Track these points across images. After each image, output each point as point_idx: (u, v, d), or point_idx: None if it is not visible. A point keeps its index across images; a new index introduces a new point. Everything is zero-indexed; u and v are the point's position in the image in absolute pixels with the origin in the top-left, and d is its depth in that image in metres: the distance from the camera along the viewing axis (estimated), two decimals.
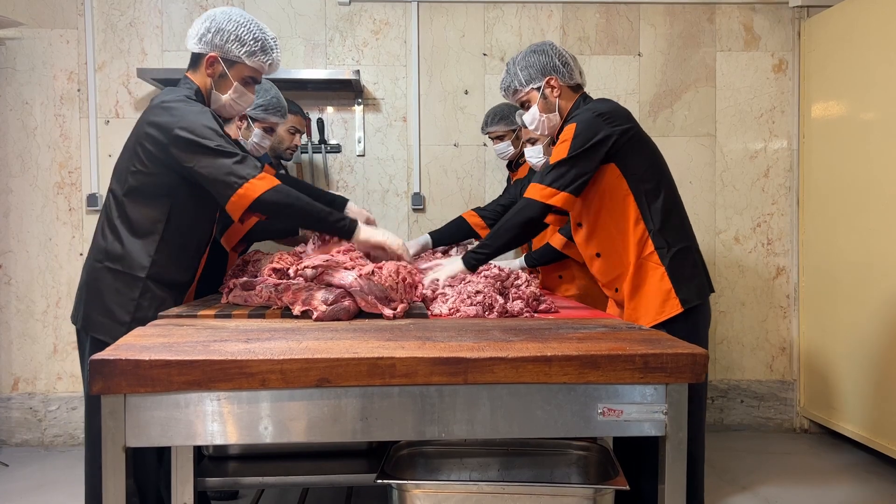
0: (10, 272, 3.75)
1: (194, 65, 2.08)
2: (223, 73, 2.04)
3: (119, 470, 1.26)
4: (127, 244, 1.96)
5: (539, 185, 2.14)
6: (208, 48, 2.02)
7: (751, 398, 4.00)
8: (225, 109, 2.11)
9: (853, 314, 3.49)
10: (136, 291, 1.95)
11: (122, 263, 1.97)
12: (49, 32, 3.72)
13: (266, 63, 2.08)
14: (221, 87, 2.07)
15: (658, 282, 2.14)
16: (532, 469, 1.80)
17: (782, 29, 3.94)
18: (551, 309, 2.02)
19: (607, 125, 2.13)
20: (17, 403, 3.75)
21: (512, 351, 1.32)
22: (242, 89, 2.09)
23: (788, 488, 3.13)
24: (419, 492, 1.54)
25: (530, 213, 2.15)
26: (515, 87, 2.28)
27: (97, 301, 1.97)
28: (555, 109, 2.27)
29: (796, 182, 3.95)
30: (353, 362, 1.27)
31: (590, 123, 2.12)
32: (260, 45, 2.04)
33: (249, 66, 2.06)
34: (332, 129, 3.86)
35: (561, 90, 2.25)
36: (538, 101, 2.26)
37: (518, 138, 3.29)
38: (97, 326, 1.96)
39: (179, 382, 1.25)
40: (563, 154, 2.11)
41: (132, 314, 1.94)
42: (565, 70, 2.24)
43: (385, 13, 3.86)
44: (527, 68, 2.25)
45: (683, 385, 1.34)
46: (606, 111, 2.16)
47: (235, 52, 2.02)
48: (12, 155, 3.72)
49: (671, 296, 2.13)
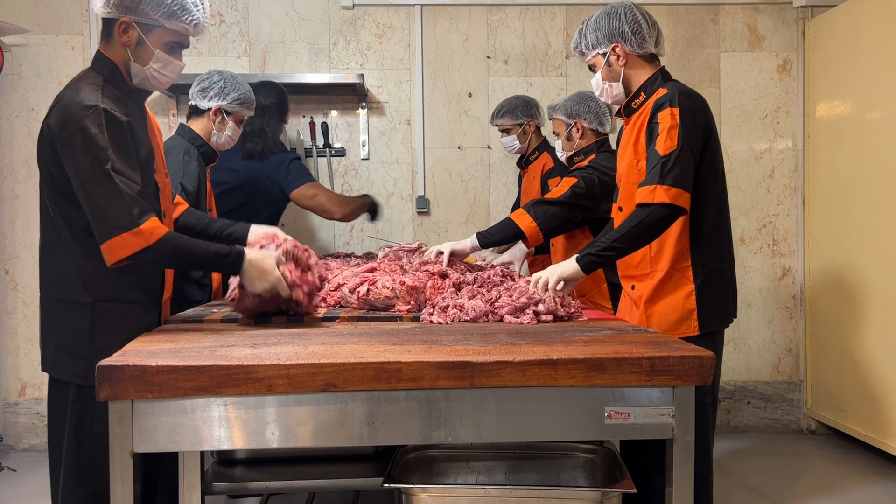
0: (17, 278, 3.76)
1: (106, 34, 1.76)
2: (140, 39, 1.73)
3: (127, 476, 1.26)
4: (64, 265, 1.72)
5: (663, 187, 1.92)
6: (119, 11, 1.70)
7: (758, 399, 3.99)
8: (149, 82, 1.80)
9: (860, 314, 3.48)
10: (87, 319, 1.70)
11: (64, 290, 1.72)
12: (54, 39, 3.74)
13: (190, 24, 1.75)
14: (141, 58, 1.75)
15: (684, 297, 2.03)
16: (539, 472, 1.79)
17: (786, 29, 3.93)
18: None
19: (703, 111, 2.00)
20: (25, 409, 3.76)
21: (518, 354, 1.32)
22: (167, 57, 1.77)
23: (796, 490, 3.12)
24: (426, 496, 1.54)
25: (661, 215, 1.94)
26: (582, 50, 2.16)
27: (51, 337, 1.75)
28: (619, 79, 2.12)
29: (802, 182, 3.94)
30: (360, 367, 1.27)
31: (692, 109, 1.97)
32: (180, 3, 1.72)
33: (171, 30, 1.74)
34: (336, 132, 3.87)
35: (628, 58, 2.09)
36: (602, 68, 2.13)
37: (525, 133, 3.30)
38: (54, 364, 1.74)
39: (186, 388, 1.25)
40: (673, 145, 1.93)
41: (88, 345, 1.69)
42: (634, 38, 2.06)
43: (388, 17, 3.86)
44: (595, 31, 2.10)
45: (690, 388, 1.34)
46: (698, 96, 2.03)
47: (151, 15, 1.70)
48: (18, 161, 3.74)
49: (692, 316, 2.02)
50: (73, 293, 1.72)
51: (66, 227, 1.71)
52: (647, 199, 1.94)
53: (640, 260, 2.10)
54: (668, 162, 1.92)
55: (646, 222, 1.94)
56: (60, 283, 1.73)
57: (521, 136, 3.30)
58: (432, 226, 3.88)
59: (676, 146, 1.93)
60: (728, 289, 2.12)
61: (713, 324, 2.05)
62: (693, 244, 2.03)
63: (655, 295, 2.06)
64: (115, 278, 1.72)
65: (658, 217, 1.94)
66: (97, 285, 1.71)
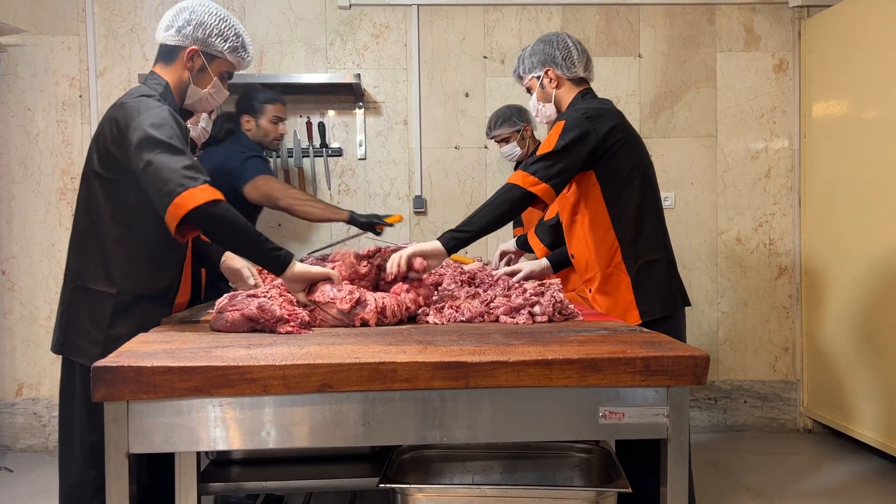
0: (14, 278, 3.76)
1: (168, 58, 1.97)
2: (203, 67, 1.97)
3: (122, 476, 1.26)
4: (94, 257, 1.87)
5: (523, 173, 2.14)
6: (188, 41, 1.93)
7: (754, 398, 4.00)
8: (201, 104, 2.04)
9: (856, 313, 3.49)
10: (108, 308, 1.85)
11: (91, 280, 1.86)
12: (51, 39, 3.74)
13: (245, 59, 2.04)
14: (201, 82, 1.99)
15: (623, 291, 2.19)
16: (534, 472, 1.80)
17: (782, 29, 3.94)
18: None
19: (592, 125, 2.15)
20: (21, 409, 3.76)
21: (513, 355, 1.32)
22: (220, 84, 2.03)
23: (793, 488, 3.13)
24: (422, 496, 1.54)
25: (514, 195, 2.13)
26: (520, 74, 2.39)
27: (73, 322, 1.87)
28: (551, 100, 2.32)
29: (798, 182, 3.95)
30: (355, 367, 1.28)
31: (578, 122, 2.14)
32: (241, 41, 1.99)
33: (228, 62, 2.00)
34: (333, 132, 3.87)
35: (559, 81, 2.30)
36: (537, 90, 2.34)
37: (523, 137, 3.30)
38: (74, 347, 1.87)
39: (182, 389, 1.25)
40: (550, 147, 2.14)
41: (105, 332, 1.83)
42: (564, 63, 2.27)
43: (385, 17, 3.86)
44: (531, 56, 2.32)
45: (685, 387, 1.34)
46: (593, 111, 2.18)
47: (218, 47, 1.95)
48: (15, 161, 3.74)
49: (632, 306, 2.17)
50: (99, 283, 1.86)
51: (100, 220, 1.86)
52: (509, 180, 2.15)
53: (585, 265, 2.29)
54: (538, 157, 2.13)
55: (500, 199, 2.12)
56: (89, 271, 1.87)
57: (521, 142, 3.31)
58: (429, 225, 3.89)
59: (551, 148, 2.12)
60: (667, 276, 2.23)
61: (654, 311, 2.18)
62: (621, 242, 2.19)
63: (603, 292, 2.24)
64: (138, 273, 1.88)
65: (512, 197, 2.11)
66: (122, 278, 1.86)
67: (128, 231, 1.86)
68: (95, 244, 1.87)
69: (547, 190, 2.12)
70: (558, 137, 2.14)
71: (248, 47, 2.03)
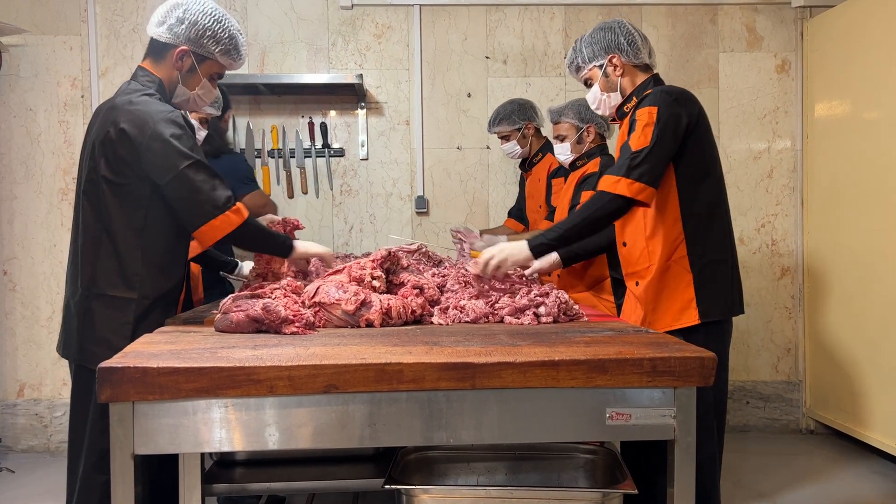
0: (15, 279, 3.75)
1: (157, 54, 1.92)
2: (192, 67, 1.92)
3: (128, 477, 1.26)
4: (110, 264, 1.84)
5: (625, 179, 1.96)
6: (179, 40, 1.88)
7: (756, 399, 3.99)
8: (188, 104, 2.01)
9: (858, 314, 3.48)
10: (130, 314, 1.83)
11: (109, 287, 1.84)
12: (52, 39, 3.73)
13: (237, 61, 1.99)
14: (189, 82, 1.95)
15: (683, 288, 2.04)
16: (539, 473, 1.79)
17: (785, 29, 3.93)
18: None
19: (683, 108, 2.02)
20: (23, 409, 3.75)
21: (519, 356, 1.32)
22: (209, 85, 1.99)
23: (795, 489, 3.12)
24: (427, 497, 1.54)
25: (613, 208, 1.99)
26: (578, 65, 2.22)
27: (89, 330, 1.84)
28: (616, 89, 2.17)
29: (800, 182, 3.94)
30: (361, 368, 1.27)
31: (669, 106, 2.00)
32: (234, 43, 1.94)
33: (219, 63, 1.96)
34: (335, 133, 3.87)
35: (624, 69, 2.15)
36: (599, 80, 2.19)
37: (524, 136, 3.29)
38: (91, 355, 1.80)
39: (187, 390, 1.25)
40: (646, 141, 1.97)
41: (129, 339, 1.75)
42: (630, 49, 2.14)
43: (387, 17, 3.86)
44: (591, 45, 2.17)
45: (692, 388, 1.34)
46: (679, 94, 2.06)
47: (210, 49, 1.91)
48: (16, 161, 3.73)
49: (691, 305, 2.03)
50: (118, 289, 1.84)
51: (112, 226, 1.83)
52: (609, 189, 1.98)
53: (638, 255, 2.13)
54: (638, 157, 1.96)
55: (601, 212, 2.00)
56: (104, 279, 1.84)
57: (521, 141, 3.29)
58: (431, 226, 3.88)
59: (649, 143, 1.97)
60: (729, 281, 2.10)
61: (714, 313, 2.04)
62: (687, 236, 2.04)
63: (657, 287, 2.08)
64: (154, 276, 1.87)
65: (613, 208, 1.99)
66: (141, 282, 1.85)
67: (142, 234, 1.84)
68: (110, 250, 1.84)
69: (652, 194, 1.99)
70: (654, 127, 1.98)
71: (240, 49, 1.98)
